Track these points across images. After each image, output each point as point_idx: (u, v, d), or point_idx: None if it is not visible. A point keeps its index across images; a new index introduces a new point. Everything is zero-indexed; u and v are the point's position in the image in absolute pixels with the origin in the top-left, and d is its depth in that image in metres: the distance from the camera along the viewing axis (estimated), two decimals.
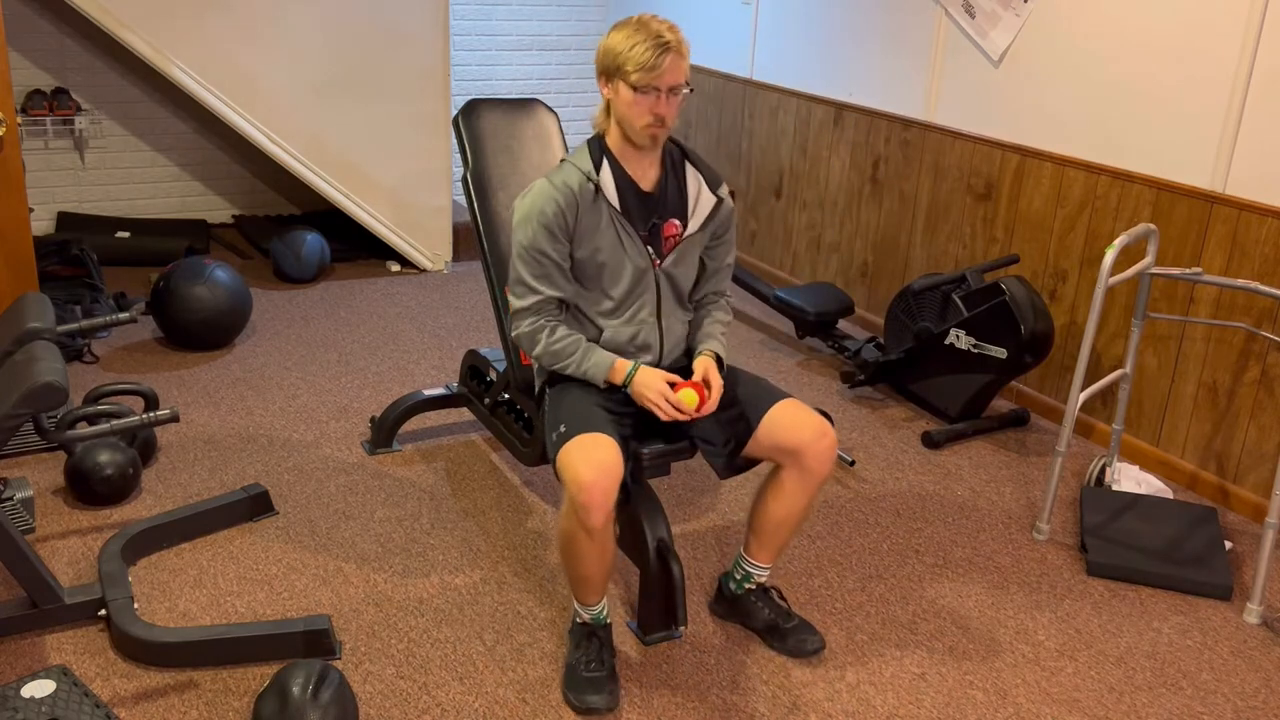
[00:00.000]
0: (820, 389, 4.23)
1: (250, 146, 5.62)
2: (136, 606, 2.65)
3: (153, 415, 2.60)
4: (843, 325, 4.73)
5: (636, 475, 2.56)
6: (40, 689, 2.25)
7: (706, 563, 3.00)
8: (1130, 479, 3.41)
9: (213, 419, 3.70)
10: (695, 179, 2.55)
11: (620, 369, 2.45)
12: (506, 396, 3.16)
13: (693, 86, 3.33)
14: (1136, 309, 3.27)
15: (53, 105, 5.17)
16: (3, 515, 2.41)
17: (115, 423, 2.56)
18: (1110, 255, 2.96)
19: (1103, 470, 3.44)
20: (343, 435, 3.63)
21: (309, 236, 5.08)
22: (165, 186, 5.66)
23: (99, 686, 2.39)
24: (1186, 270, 3.03)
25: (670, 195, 2.52)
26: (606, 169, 2.45)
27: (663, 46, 2.31)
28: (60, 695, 2.24)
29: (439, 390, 3.53)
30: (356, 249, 5.50)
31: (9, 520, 2.43)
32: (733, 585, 2.70)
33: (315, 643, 2.51)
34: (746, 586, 2.67)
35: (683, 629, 2.69)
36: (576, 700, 2.38)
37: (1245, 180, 3.27)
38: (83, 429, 2.56)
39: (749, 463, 2.54)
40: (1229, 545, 3.17)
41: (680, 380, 2.43)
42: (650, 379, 2.41)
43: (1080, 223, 3.81)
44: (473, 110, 3.16)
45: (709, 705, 2.43)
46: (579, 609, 2.49)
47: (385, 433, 3.53)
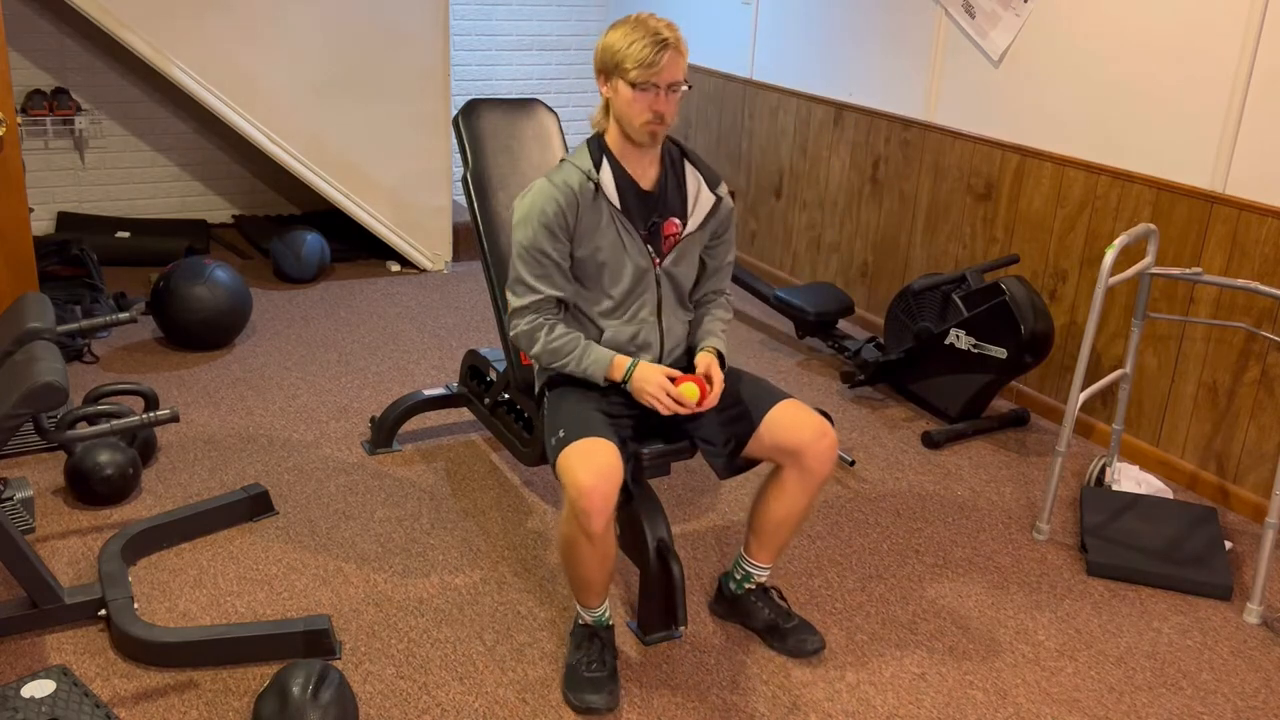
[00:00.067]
0: (820, 389, 4.23)
1: (250, 146, 5.62)
2: (136, 606, 2.65)
3: (153, 415, 2.60)
4: (843, 325, 4.73)
5: (637, 475, 2.56)
6: (40, 689, 2.24)
7: (706, 563, 3.00)
8: (1130, 479, 3.40)
9: (213, 419, 3.70)
10: (694, 178, 2.55)
11: (620, 365, 2.45)
12: (506, 396, 3.16)
13: (691, 84, 3.33)
14: (1136, 309, 3.27)
15: (53, 105, 5.17)
16: (3, 515, 2.41)
17: (115, 423, 2.56)
18: (1110, 255, 2.96)
19: (1103, 470, 3.44)
20: (343, 435, 3.63)
21: (309, 236, 5.08)
22: (165, 186, 5.66)
23: (99, 686, 2.39)
24: (1186, 270, 3.03)
25: (670, 194, 2.52)
26: (606, 168, 2.45)
27: (661, 44, 2.31)
28: (60, 695, 2.24)
29: (439, 390, 3.53)
30: (356, 249, 5.50)
31: (9, 520, 2.43)
32: (733, 585, 2.70)
33: (315, 643, 2.51)
34: (746, 586, 2.67)
35: (683, 629, 2.69)
36: (576, 700, 2.38)
37: (1245, 180, 3.27)
38: (83, 429, 2.56)
39: (749, 463, 2.54)
40: (1229, 545, 3.16)
41: (681, 375, 2.43)
42: (650, 374, 2.41)
43: (1080, 223, 3.81)
44: (473, 110, 3.16)
45: (709, 705, 2.43)
46: (581, 611, 2.49)
47: (385, 433, 3.53)
